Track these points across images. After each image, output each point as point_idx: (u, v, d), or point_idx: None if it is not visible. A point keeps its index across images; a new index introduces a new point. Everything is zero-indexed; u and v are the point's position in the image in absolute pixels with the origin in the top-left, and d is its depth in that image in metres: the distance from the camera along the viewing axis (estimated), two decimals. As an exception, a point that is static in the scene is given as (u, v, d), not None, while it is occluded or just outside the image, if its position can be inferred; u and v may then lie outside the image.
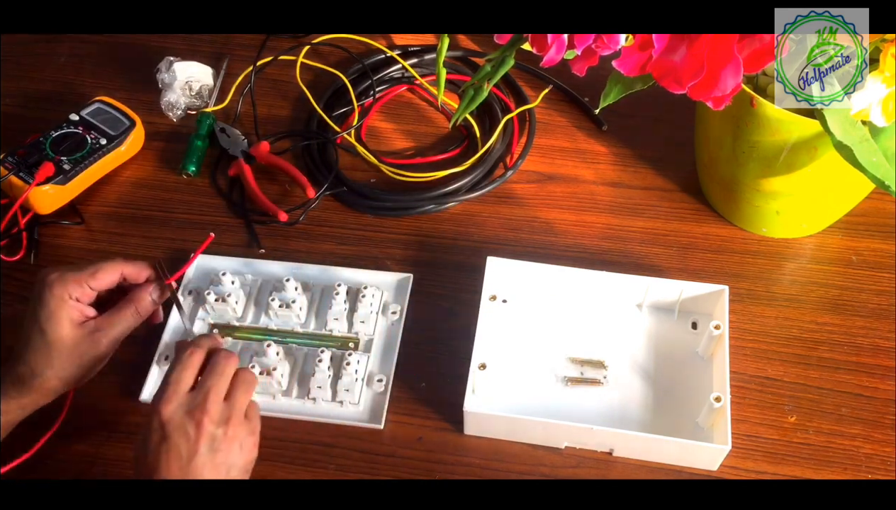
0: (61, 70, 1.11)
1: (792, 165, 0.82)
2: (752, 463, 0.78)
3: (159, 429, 0.64)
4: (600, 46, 0.68)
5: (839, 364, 0.84)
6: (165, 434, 0.64)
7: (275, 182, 0.99)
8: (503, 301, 0.88)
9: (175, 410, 0.65)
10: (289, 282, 0.86)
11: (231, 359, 0.69)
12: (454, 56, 1.10)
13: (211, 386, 0.66)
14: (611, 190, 0.98)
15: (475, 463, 0.79)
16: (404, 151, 1.03)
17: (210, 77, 1.08)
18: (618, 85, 0.81)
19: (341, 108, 1.05)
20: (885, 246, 0.92)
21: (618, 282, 0.86)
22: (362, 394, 0.82)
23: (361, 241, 0.94)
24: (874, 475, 0.78)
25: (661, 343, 0.85)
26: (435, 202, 0.97)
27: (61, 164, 0.94)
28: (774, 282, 0.90)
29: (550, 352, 0.84)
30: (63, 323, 0.71)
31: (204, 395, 0.66)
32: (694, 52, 0.66)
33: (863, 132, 0.72)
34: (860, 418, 0.81)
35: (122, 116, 1.00)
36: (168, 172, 1.00)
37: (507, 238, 0.94)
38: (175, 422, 0.64)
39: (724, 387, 0.77)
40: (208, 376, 0.67)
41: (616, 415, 0.80)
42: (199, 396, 0.66)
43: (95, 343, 0.73)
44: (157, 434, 0.64)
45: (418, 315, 0.88)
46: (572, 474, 0.78)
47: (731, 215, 0.94)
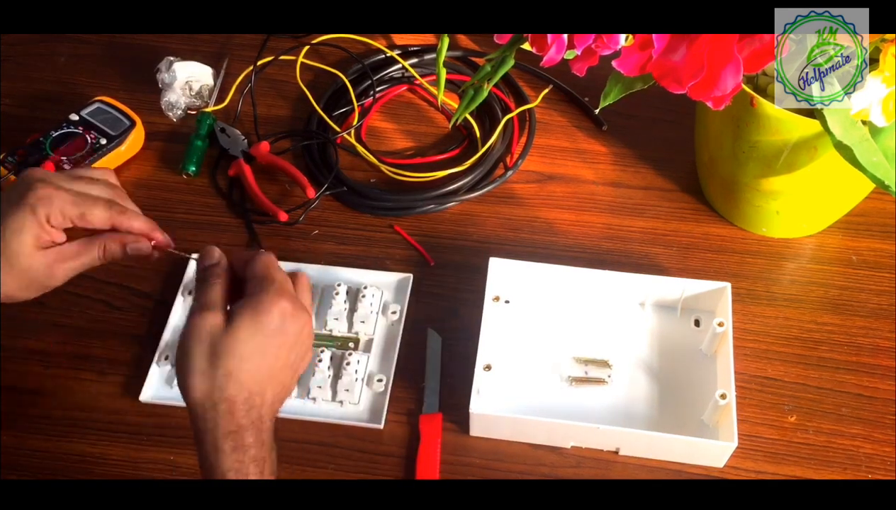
0: (61, 70, 1.11)
1: (792, 165, 0.82)
2: (752, 463, 0.78)
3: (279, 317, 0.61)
4: (600, 46, 0.68)
5: (839, 364, 0.84)
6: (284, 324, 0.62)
7: (275, 182, 0.99)
8: (506, 302, 0.88)
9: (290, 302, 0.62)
10: (289, 282, 0.86)
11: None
12: (454, 56, 1.10)
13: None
14: (611, 190, 0.98)
15: (475, 463, 0.79)
16: (404, 151, 1.03)
17: (210, 77, 1.08)
18: (618, 85, 0.81)
19: (341, 108, 1.05)
20: (885, 246, 0.92)
21: (620, 280, 0.86)
22: (362, 394, 0.82)
23: (361, 240, 0.94)
24: (874, 475, 0.78)
25: (664, 341, 0.85)
26: (435, 202, 0.97)
27: (61, 164, 0.95)
28: (774, 282, 0.90)
29: (554, 352, 0.84)
30: (28, 242, 0.64)
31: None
32: (694, 52, 0.66)
33: (863, 132, 0.72)
34: (860, 418, 0.81)
35: (122, 116, 1.00)
36: (168, 172, 1.00)
37: (507, 238, 0.94)
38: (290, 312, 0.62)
39: (728, 384, 0.77)
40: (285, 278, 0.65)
41: (621, 413, 0.80)
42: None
43: (50, 272, 0.66)
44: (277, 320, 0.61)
45: (418, 315, 0.88)
46: (573, 474, 0.78)
47: (731, 215, 0.94)
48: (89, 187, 0.67)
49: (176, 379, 0.62)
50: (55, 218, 0.65)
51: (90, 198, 0.66)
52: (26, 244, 0.64)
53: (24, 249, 0.64)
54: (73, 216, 0.65)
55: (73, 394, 0.82)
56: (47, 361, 0.84)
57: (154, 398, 0.82)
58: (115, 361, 0.85)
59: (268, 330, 0.61)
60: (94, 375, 0.83)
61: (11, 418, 0.81)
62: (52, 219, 0.64)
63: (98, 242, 0.67)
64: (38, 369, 0.84)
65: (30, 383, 0.83)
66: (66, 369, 0.84)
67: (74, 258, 0.66)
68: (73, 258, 0.66)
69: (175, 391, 0.82)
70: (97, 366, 0.85)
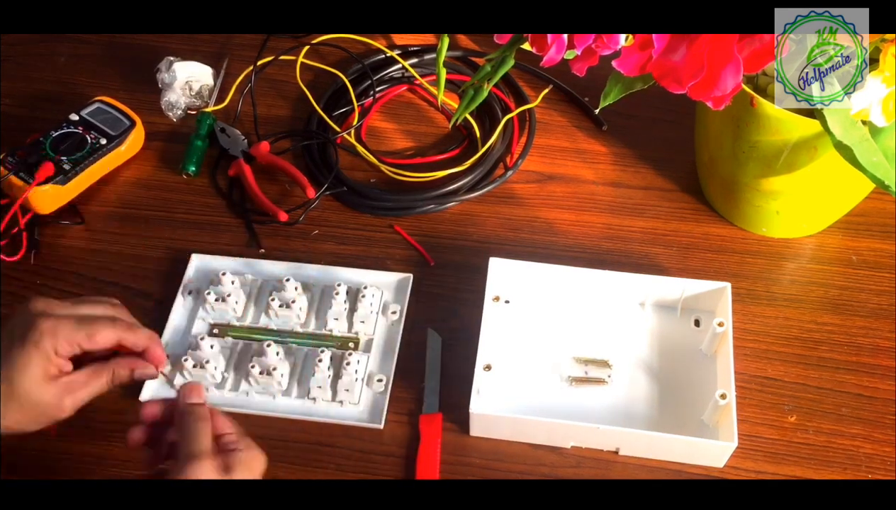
0: (61, 70, 1.11)
1: (792, 165, 0.82)
2: (752, 463, 0.78)
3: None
4: (600, 46, 0.68)
5: (839, 364, 0.84)
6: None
7: (275, 182, 0.99)
8: (506, 302, 0.88)
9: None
10: (289, 282, 0.86)
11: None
12: (454, 56, 1.10)
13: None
14: (611, 190, 0.98)
15: (475, 463, 0.79)
16: (404, 151, 1.03)
17: (210, 77, 1.08)
18: (618, 85, 0.81)
19: (341, 108, 1.05)
20: (885, 246, 0.92)
21: (620, 280, 0.86)
22: (362, 394, 0.82)
23: (361, 240, 0.94)
24: (874, 475, 0.78)
25: (664, 341, 0.85)
26: (435, 202, 0.97)
27: (61, 164, 0.94)
28: (774, 282, 0.90)
29: (554, 352, 0.84)
30: (36, 378, 0.64)
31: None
32: (694, 52, 0.66)
33: (863, 132, 0.72)
34: (860, 418, 0.81)
35: (122, 116, 1.00)
36: (168, 172, 1.00)
37: (507, 238, 0.94)
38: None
39: (728, 384, 0.77)
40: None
41: (621, 413, 0.80)
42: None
43: (60, 404, 0.66)
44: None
45: (418, 315, 0.88)
46: (573, 474, 0.78)
47: (731, 215, 0.94)
48: (92, 309, 0.68)
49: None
50: (62, 348, 0.65)
51: (93, 318, 0.66)
52: (35, 379, 0.64)
53: (33, 385, 0.64)
54: (79, 340, 0.65)
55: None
56: (47, 361, 0.84)
57: (154, 398, 0.82)
58: (115, 361, 0.85)
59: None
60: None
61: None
62: (59, 349, 0.65)
63: (107, 369, 0.68)
64: (38, 369, 0.84)
65: (30, 383, 0.83)
66: (66, 369, 0.84)
67: (83, 387, 0.66)
68: (83, 388, 0.66)
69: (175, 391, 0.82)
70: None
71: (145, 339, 0.69)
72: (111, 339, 0.67)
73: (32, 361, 0.64)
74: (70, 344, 0.65)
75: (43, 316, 0.65)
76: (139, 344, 0.68)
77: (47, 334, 0.64)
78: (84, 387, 0.66)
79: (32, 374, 0.64)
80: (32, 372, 0.64)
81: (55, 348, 0.64)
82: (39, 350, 0.64)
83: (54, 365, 0.65)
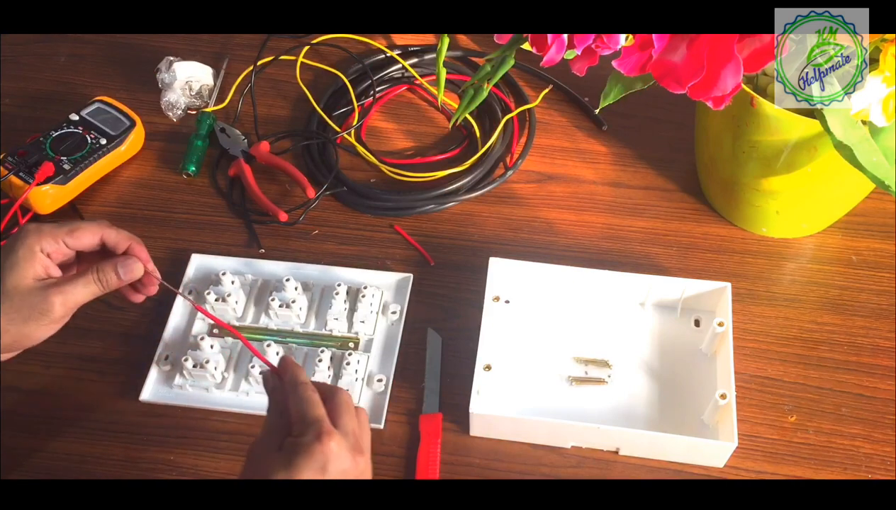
0: (61, 70, 1.11)
1: (792, 165, 0.82)
2: (752, 463, 0.78)
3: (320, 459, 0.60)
4: (600, 46, 0.68)
5: (839, 364, 0.84)
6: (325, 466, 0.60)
7: (275, 182, 0.99)
8: (506, 302, 0.88)
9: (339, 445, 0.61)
10: (289, 282, 0.86)
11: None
12: (454, 56, 1.10)
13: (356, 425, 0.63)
14: (611, 190, 0.98)
15: (475, 463, 0.79)
16: (404, 151, 1.03)
17: (210, 77, 1.08)
18: (618, 85, 0.81)
19: (341, 108, 1.05)
20: (885, 246, 0.92)
21: (620, 280, 0.86)
22: (362, 394, 0.82)
23: (361, 240, 0.94)
24: (874, 475, 0.78)
25: (664, 341, 0.85)
26: (435, 202, 0.97)
27: (61, 164, 0.94)
28: (774, 282, 0.90)
29: (554, 352, 0.84)
30: (24, 273, 0.67)
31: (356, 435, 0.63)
32: (694, 52, 0.66)
33: (863, 132, 0.72)
34: (860, 418, 0.81)
35: (122, 116, 1.00)
36: (168, 172, 1.00)
37: (507, 238, 0.94)
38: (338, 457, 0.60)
39: (728, 384, 0.77)
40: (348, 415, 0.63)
41: (622, 413, 0.80)
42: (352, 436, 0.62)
43: (48, 302, 0.67)
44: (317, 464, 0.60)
45: (418, 315, 0.88)
46: (573, 474, 0.78)
47: (731, 215, 0.94)
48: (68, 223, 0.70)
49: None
50: (46, 244, 0.68)
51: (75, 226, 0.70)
52: (23, 276, 0.67)
53: (21, 281, 0.67)
54: (62, 236, 0.68)
55: (73, 394, 0.82)
56: (48, 361, 0.84)
57: (154, 398, 0.82)
58: (115, 361, 0.85)
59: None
60: (94, 375, 0.83)
61: (11, 418, 0.81)
62: (43, 247, 0.68)
63: (90, 267, 0.69)
64: (39, 369, 0.84)
65: (30, 383, 0.83)
66: (66, 369, 0.84)
67: (71, 286, 0.68)
68: (70, 287, 0.68)
69: (175, 391, 0.82)
70: (97, 366, 0.85)
71: (126, 238, 0.71)
72: (94, 237, 0.70)
73: (20, 260, 0.67)
74: (54, 239, 0.68)
75: (33, 225, 0.69)
76: (121, 242, 0.71)
77: (32, 233, 0.68)
78: (71, 286, 0.68)
79: (20, 273, 0.66)
80: (20, 270, 0.66)
81: (40, 246, 0.67)
82: (25, 247, 0.67)
83: (41, 264, 0.68)
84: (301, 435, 0.60)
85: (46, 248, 0.68)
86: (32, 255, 0.67)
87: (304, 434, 0.60)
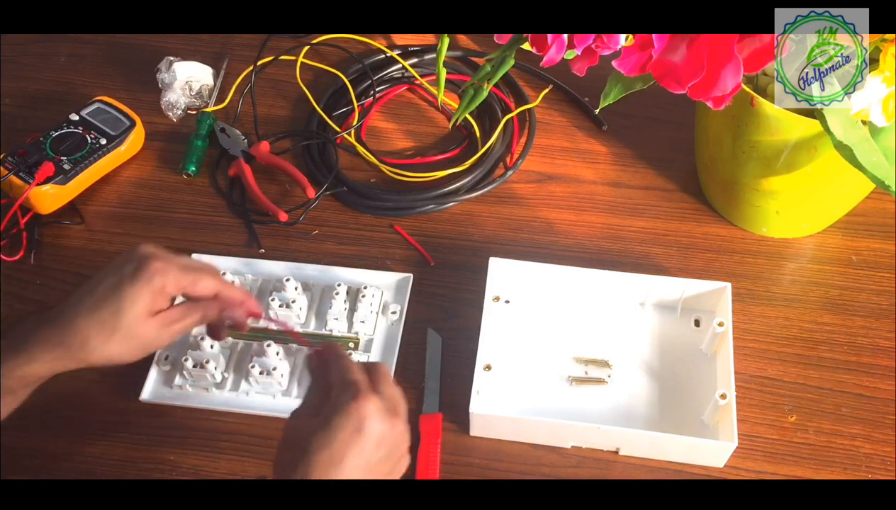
0: (61, 70, 1.11)
1: (792, 165, 0.82)
2: (752, 463, 0.78)
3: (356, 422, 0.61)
4: (600, 46, 0.68)
5: (839, 364, 0.84)
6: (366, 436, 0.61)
7: (275, 182, 0.99)
8: (506, 302, 0.88)
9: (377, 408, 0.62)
10: (289, 282, 0.86)
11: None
12: (454, 56, 1.10)
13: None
14: (611, 190, 0.98)
15: (475, 463, 0.79)
16: (404, 151, 1.03)
17: (210, 77, 1.08)
18: (618, 85, 0.81)
19: (341, 108, 1.05)
20: (885, 246, 0.92)
21: (620, 280, 0.86)
22: (362, 394, 0.82)
23: (361, 240, 0.94)
24: (874, 475, 0.78)
25: (664, 341, 0.85)
26: (435, 202, 0.97)
27: (61, 164, 0.94)
28: (774, 282, 0.90)
29: (554, 352, 0.84)
30: (142, 312, 0.68)
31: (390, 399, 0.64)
32: (694, 52, 0.66)
33: (863, 132, 0.72)
34: (860, 418, 0.81)
35: (122, 116, 1.00)
36: (168, 172, 1.00)
37: (507, 238, 0.94)
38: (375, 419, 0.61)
39: (728, 384, 0.77)
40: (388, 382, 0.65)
41: (622, 413, 0.80)
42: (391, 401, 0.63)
43: (158, 336, 0.70)
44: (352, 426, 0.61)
45: (418, 315, 0.88)
46: (573, 474, 0.78)
47: (731, 215, 0.94)
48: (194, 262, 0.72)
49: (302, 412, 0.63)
50: (169, 288, 0.69)
51: (199, 268, 0.71)
52: (141, 314, 0.68)
53: (139, 319, 0.68)
54: (185, 284, 0.70)
55: (73, 394, 0.82)
56: (47, 361, 0.84)
57: (154, 398, 0.82)
58: (115, 361, 0.85)
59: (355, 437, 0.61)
60: (94, 375, 0.83)
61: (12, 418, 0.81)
62: (166, 289, 0.69)
63: (200, 306, 0.71)
64: (38, 369, 0.84)
65: (30, 383, 0.83)
66: (66, 369, 0.84)
67: (179, 322, 0.70)
68: (178, 322, 0.70)
69: (175, 391, 0.82)
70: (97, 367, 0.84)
71: (241, 294, 0.73)
72: (212, 289, 0.71)
73: (141, 297, 0.67)
74: (177, 286, 0.69)
75: (155, 256, 0.69)
76: (235, 297, 0.72)
77: (158, 274, 0.68)
78: (179, 321, 0.70)
79: (139, 309, 0.67)
80: (139, 307, 0.67)
81: (163, 287, 0.68)
82: (150, 287, 0.68)
83: (157, 302, 0.69)
84: (339, 396, 0.61)
85: (168, 291, 0.69)
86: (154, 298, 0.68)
87: (342, 395, 0.61)
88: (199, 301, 0.71)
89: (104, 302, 0.67)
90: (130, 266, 0.68)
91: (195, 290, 0.70)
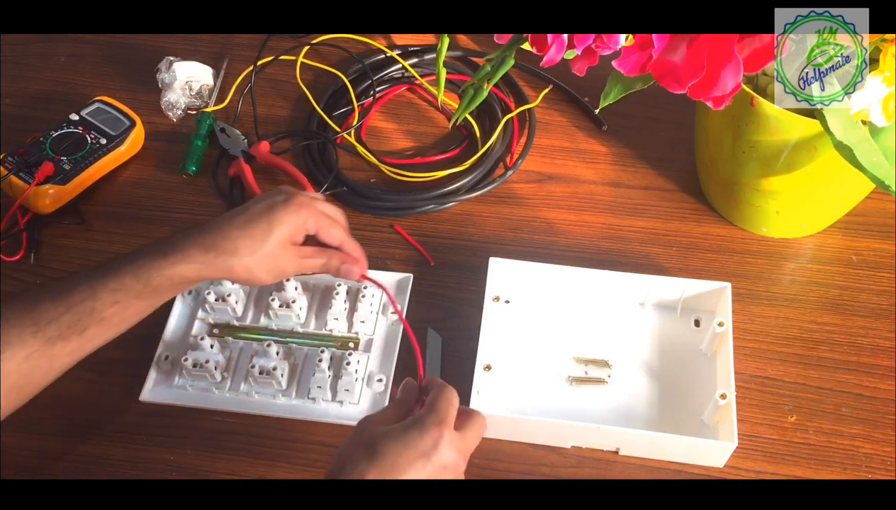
0: (61, 70, 1.11)
1: (792, 165, 0.82)
2: (752, 463, 0.78)
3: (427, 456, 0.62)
4: (600, 46, 0.68)
5: (839, 364, 0.84)
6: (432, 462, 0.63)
7: (275, 182, 0.99)
8: (506, 302, 0.88)
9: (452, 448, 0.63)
10: (289, 282, 0.86)
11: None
12: (454, 56, 1.10)
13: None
14: (611, 190, 0.98)
15: (475, 463, 0.79)
16: (404, 151, 1.03)
17: (210, 77, 1.08)
18: (618, 85, 0.81)
19: (341, 108, 1.06)
20: (885, 246, 0.92)
21: (620, 280, 0.86)
22: (362, 394, 0.82)
23: (361, 240, 0.94)
24: (874, 475, 0.78)
25: (664, 341, 0.85)
26: (435, 202, 0.97)
27: (61, 163, 0.95)
28: (774, 282, 0.90)
29: (554, 352, 0.84)
30: (286, 238, 0.72)
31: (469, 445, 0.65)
32: (694, 52, 0.66)
33: (863, 132, 0.72)
34: (860, 418, 0.81)
35: (122, 116, 1.00)
36: (168, 172, 1.00)
37: (507, 238, 0.94)
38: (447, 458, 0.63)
39: (728, 384, 0.77)
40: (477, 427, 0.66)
41: (622, 413, 0.80)
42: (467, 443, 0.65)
43: (290, 265, 0.74)
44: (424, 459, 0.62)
45: (418, 315, 0.88)
46: (573, 474, 0.78)
47: (731, 215, 0.94)
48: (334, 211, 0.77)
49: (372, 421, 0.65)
50: (309, 224, 0.74)
51: (334, 219, 0.76)
52: (285, 238, 0.72)
53: (283, 242, 0.73)
54: (321, 226, 0.74)
55: (73, 395, 0.82)
56: (47, 361, 0.84)
57: (154, 398, 0.82)
58: (115, 361, 0.84)
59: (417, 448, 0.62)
60: (94, 375, 0.83)
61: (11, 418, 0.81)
62: (307, 223, 0.74)
63: (326, 253, 0.76)
64: (38, 369, 0.84)
65: (30, 383, 0.83)
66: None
67: (308, 259, 0.75)
68: (307, 259, 0.75)
69: (175, 391, 0.82)
70: (97, 367, 0.84)
71: (360, 252, 0.77)
72: (339, 239, 0.76)
73: (289, 223, 0.72)
74: (315, 226, 0.74)
75: (302, 194, 0.74)
76: (355, 252, 0.77)
77: (305, 208, 0.73)
78: (308, 258, 0.75)
79: (285, 233, 0.72)
80: (286, 231, 0.72)
81: (306, 221, 0.73)
82: (297, 217, 0.73)
83: (299, 232, 0.73)
84: (427, 415, 0.63)
85: (308, 227, 0.74)
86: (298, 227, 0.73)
87: (430, 415, 0.63)
88: (326, 250, 0.75)
89: (257, 219, 0.72)
90: (282, 196, 0.73)
91: (326, 235, 0.75)
